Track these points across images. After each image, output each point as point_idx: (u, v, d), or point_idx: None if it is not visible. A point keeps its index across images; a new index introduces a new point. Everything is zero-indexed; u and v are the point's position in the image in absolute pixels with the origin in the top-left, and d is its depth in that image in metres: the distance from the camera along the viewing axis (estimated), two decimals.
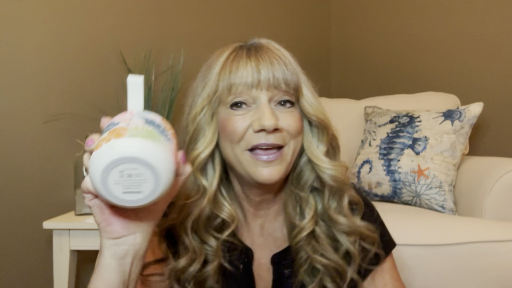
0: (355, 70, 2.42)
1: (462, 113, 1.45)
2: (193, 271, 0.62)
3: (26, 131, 1.50)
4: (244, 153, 0.62)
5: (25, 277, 1.50)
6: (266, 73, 0.61)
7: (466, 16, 1.90)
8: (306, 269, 0.66)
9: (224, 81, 0.62)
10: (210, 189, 0.63)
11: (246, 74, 0.61)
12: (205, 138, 0.63)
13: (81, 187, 0.50)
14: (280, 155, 0.62)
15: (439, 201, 1.38)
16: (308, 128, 0.66)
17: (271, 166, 0.61)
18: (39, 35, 1.52)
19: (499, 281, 1.08)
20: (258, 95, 0.61)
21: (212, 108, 0.63)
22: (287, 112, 0.63)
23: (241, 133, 0.61)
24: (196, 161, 0.62)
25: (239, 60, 0.62)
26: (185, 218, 0.63)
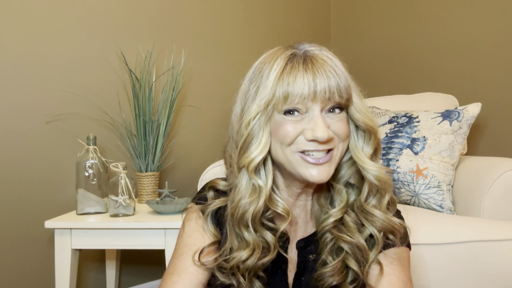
0: (354, 70, 2.42)
1: (460, 114, 1.46)
2: (252, 262, 0.68)
3: (28, 131, 1.50)
4: (294, 154, 0.66)
5: (27, 276, 1.51)
6: (322, 87, 0.64)
7: (464, 17, 1.91)
8: (330, 249, 0.71)
9: (280, 90, 0.64)
10: (266, 188, 0.68)
11: (303, 87, 0.63)
12: (259, 143, 0.67)
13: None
14: (330, 157, 0.67)
15: (437, 201, 1.38)
16: (354, 131, 0.71)
17: (322, 167, 0.66)
18: (39, 35, 1.52)
19: (497, 280, 1.08)
20: (312, 105, 0.65)
21: (266, 114, 0.66)
22: (337, 118, 0.67)
23: (293, 138, 0.66)
24: (251, 165, 0.66)
25: (296, 73, 0.64)
26: (243, 214, 0.67)
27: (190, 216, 0.77)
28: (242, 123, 0.68)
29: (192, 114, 1.93)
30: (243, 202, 0.67)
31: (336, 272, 0.69)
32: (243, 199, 0.68)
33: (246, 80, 0.71)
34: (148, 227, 1.29)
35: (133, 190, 1.38)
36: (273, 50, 0.71)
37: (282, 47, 0.71)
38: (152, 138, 1.63)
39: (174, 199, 1.49)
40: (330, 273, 0.69)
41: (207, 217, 0.74)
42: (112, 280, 1.68)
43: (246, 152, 0.67)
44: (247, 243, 0.68)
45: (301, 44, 0.70)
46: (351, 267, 0.70)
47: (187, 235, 0.74)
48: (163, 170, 1.81)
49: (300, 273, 0.75)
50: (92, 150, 1.42)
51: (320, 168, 0.66)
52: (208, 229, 0.74)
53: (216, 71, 2.02)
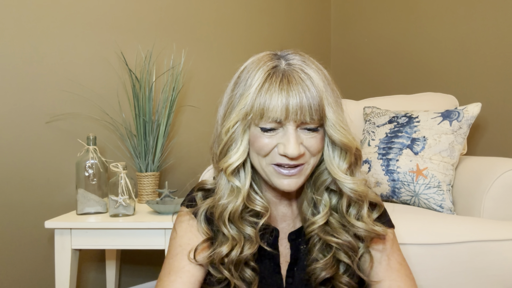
0: (354, 71, 2.43)
1: (460, 114, 1.46)
2: (234, 256, 0.71)
3: (28, 131, 1.51)
4: (268, 166, 0.71)
5: (27, 276, 1.51)
6: (294, 108, 0.66)
7: (464, 17, 1.91)
8: (319, 247, 0.74)
9: (258, 106, 0.68)
10: (243, 189, 0.72)
11: (276, 107, 0.67)
12: (237, 150, 0.71)
13: None
14: (300, 170, 0.71)
15: (437, 201, 1.38)
16: (330, 145, 0.73)
17: (291, 178, 0.71)
18: (39, 35, 1.52)
19: (497, 279, 1.08)
20: (286, 123, 0.68)
21: (245, 124, 0.70)
22: (311, 135, 0.70)
23: (267, 151, 0.70)
24: (229, 169, 0.71)
25: (272, 92, 0.67)
26: (222, 212, 0.72)
27: (181, 218, 0.80)
28: (223, 128, 0.72)
29: (192, 114, 1.93)
30: (222, 201, 0.72)
31: (327, 266, 0.73)
32: (222, 199, 0.73)
33: (231, 84, 0.75)
34: (148, 227, 1.29)
35: (133, 190, 1.38)
36: (258, 57, 0.74)
37: (268, 53, 0.74)
38: (152, 138, 1.63)
39: (174, 199, 1.49)
40: (321, 268, 0.73)
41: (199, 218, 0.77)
42: (112, 280, 1.68)
43: (225, 157, 0.72)
44: (226, 238, 0.73)
45: (286, 53, 0.73)
46: (342, 260, 0.74)
47: (180, 236, 0.77)
48: (163, 170, 1.81)
49: (293, 264, 0.79)
50: (92, 150, 1.42)
51: (290, 179, 0.70)
52: (202, 228, 0.76)
53: (216, 71, 2.02)
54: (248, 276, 0.74)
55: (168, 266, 0.74)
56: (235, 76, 0.75)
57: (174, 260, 0.74)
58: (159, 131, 1.65)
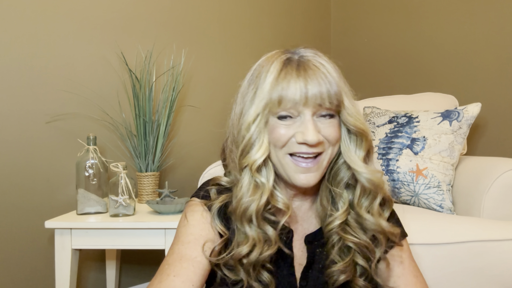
0: (354, 71, 2.43)
1: (460, 114, 1.46)
2: (254, 257, 0.69)
3: (28, 131, 1.51)
4: (285, 157, 0.70)
5: (27, 276, 1.51)
6: (313, 93, 0.67)
7: (464, 17, 1.91)
8: (338, 249, 0.74)
9: (275, 94, 0.67)
10: (268, 185, 0.70)
11: (295, 92, 0.66)
12: (260, 146, 0.70)
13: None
14: (317, 162, 0.70)
15: (437, 201, 1.39)
16: (346, 135, 0.73)
17: (309, 172, 0.70)
18: (39, 35, 1.52)
19: (497, 279, 1.08)
20: (303, 110, 0.68)
21: (265, 117, 0.69)
22: (328, 123, 0.70)
23: (284, 141, 0.69)
24: (254, 165, 0.70)
25: (290, 78, 0.67)
26: (245, 211, 0.70)
27: (194, 208, 0.77)
28: (242, 125, 0.71)
29: (192, 114, 1.93)
30: (245, 199, 0.70)
31: (347, 269, 0.72)
32: (245, 197, 0.70)
33: (245, 82, 0.74)
34: (148, 227, 1.29)
35: (133, 190, 1.38)
36: (271, 54, 0.74)
37: (279, 51, 0.74)
38: (152, 138, 1.63)
39: (174, 199, 1.49)
40: (340, 271, 0.72)
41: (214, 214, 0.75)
42: (112, 280, 1.68)
43: (249, 153, 0.70)
44: (247, 238, 0.70)
45: (297, 48, 0.73)
46: (359, 263, 0.73)
47: (192, 225, 0.74)
48: (163, 170, 1.81)
49: (308, 267, 0.78)
50: (92, 150, 1.42)
51: (308, 174, 0.70)
52: (216, 224, 0.74)
53: (216, 71, 2.02)
54: (265, 278, 0.72)
55: (179, 252, 0.71)
56: (248, 74, 0.75)
57: (185, 247, 0.71)
58: (159, 131, 1.65)
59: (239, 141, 0.71)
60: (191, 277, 0.68)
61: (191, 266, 0.69)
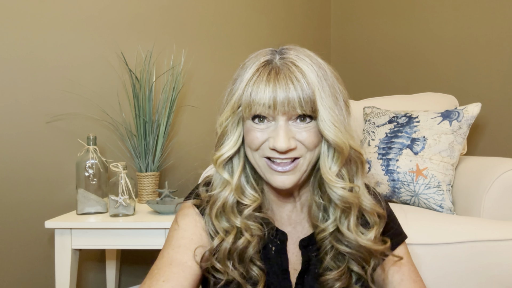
0: (354, 71, 2.43)
1: (460, 114, 1.46)
2: (225, 246, 0.70)
3: (29, 131, 1.51)
4: (261, 159, 0.69)
5: (27, 276, 1.51)
6: (281, 99, 0.64)
7: (464, 17, 1.91)
8: (333, 256, 0.72)
9: (246, 99, 0.67)
10: (232, 182, 0.71)
11: (264, 97, 0.65)
12: (229, 142, 0.71)
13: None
14: (295, 166, 0.68)
15: (437, 201, 1.39)
16: (326, 144, 0.69)
17: (285, 175, 0.68)
18: (40, 35, 1.52)
19: (497, 279, 1.08)
20: (276, 115, 0.66)
21: (237, 117, 0.70)
22: (305, 127, 0.67)
23: (258, 145, 0.68)
24: (218, 161, 0.71)
25: (259, 83, 0.66)
26: (212, 205, 0.72)
27: (185, 211, 0.77)
28: (219, 121, 0.72)
29: (192, 114, 1.93)
30: (215, 192, 0.72)
31: (341, 277, 0.71)
32: (215, 191, 0.72)
33: (231, 82, 0.75)
34: (148, 227, 1.29)
35: (133, 190, 1.38)
36: (255, 53, 0.73)
37: (265, 50, 0.72)
38: (152, 138, 1.63)
39: (174, 199, 1.49)
40: (335, 279, 0.71)
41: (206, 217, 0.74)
42: (112, 280, 1.68)
43: (219, 149, 0.72)
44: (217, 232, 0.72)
45: (283, 48, 0.71)
46: (354, 270, 0.72)
47: (183, 229, 0.74)
48: (163, 170, 1.81)
49: (304, 272, 0.76)
50: (92, 150, 1.42)
51: (284, 176, 0.68)
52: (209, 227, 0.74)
53: (216, 71, 2.02)
54: (255, 274, 0.71)
55: (169, 257, 0.70)
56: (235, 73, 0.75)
57: (176, 252, 0.71)
58: (159, 131, 1.65)
59: (216, 137, 0.73)
60: (181, 282, 0.67)
61: (181, 271, 0.68)
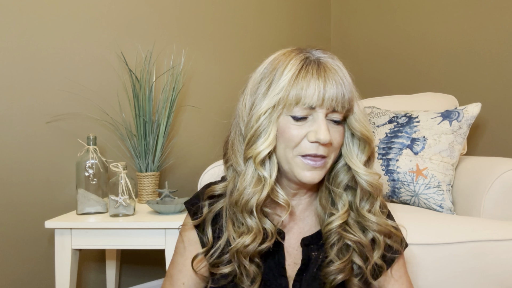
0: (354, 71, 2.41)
1: (460, 114, 1.46)
2: (253, 248, 0.72)
3: (28, 131, 1.51)
4: (296, 158, 0.71)
5: (27, 276, 1.51)
6: (330, 95, 0.68)
7: (464, 17, 1.91)
8: (337, 249, 0.75)
9: (294, 93, 0.68)
10: (270, 179, 0.72)
11: (314, 92, 0.68)
12: (266, 138, 0.70)
13: None
14: (324, 163, 0.72)
15: (437, 201, 1.39)
16: (350, 138, 0.76)
17: (315, 170, 0.72)
18: (39, 35, 1.52)
19: (497, 279, 1.08)
20: (318, 110, 0.69)
21: (277, 112, 0.70)
22: (336, 128, 0.72)
23: (297, 141, 0.70)
24: (258, 157, 0.70)
25: (310, 78, 0.68)
26: (247, 202, 0.72)
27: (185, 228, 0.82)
28: (252, 116, 0.71)
29: (192, 114, 1.93)
30: (248, 191, 0.71)
31: (344, 269, 0.74)
32: (247, 188, 0.71)
33: (258, 75, 0.74)
34: (148, 227, 1.29)
35: (133, 190, 1.38)
36: (286, 50, 0.74)
37: (295, 48, 0.75)
38: (152, 138, 1.63)
39: (174, 199, 1.49)
40: (337, 270, 0.74)
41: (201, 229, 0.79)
42: (112, 280, 1.68)
43: (254, 144, 0.71)
44: (249, 229, 0.72)
45: (313, 49, 0.74)
46: (356, 262, 0.75)
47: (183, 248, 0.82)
48: (163, 170, 1.81)
49: (303, 269, 0.78)
50: (92, 150, 1.42)
51: (314, 172, 0.71)
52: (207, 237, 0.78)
53: (216, 71, 2.02)
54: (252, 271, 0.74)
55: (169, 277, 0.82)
56: (261, 67, 0.75)
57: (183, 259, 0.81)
58: (159, 131, 1.65)
59: (247, 132, 0.72)
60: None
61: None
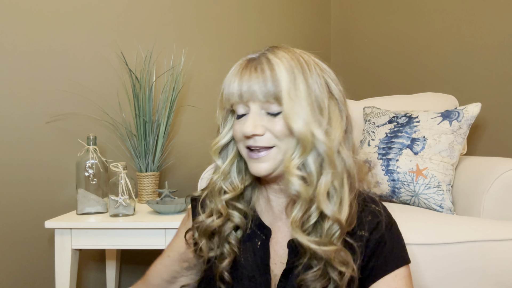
0: (354, 71, 2.43)
1: (460, 114, 1.46)
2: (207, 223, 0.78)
3: (29, 131, 1.51)
4: (244, 150, 0.75)
5: (27, 276, 1.51)
6: (245, 87, 0.71)
7: (464, 17, 1.91)
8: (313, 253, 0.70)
9: (225, 92, 0.75)
10: (221, 167, 0.79)
11: (234, 88, 0.73)
12: (220, 134, 0.79)
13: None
14: (268, 153, 0.72)
15: (437, 201, 1.39)
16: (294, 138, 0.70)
17: (259, 162, 0.73)
18: (39, 35, 1.52)
19: (497, 279, 1.08)
20: (250, 105, 0.72)
21: (225, 110, 0.77)
22: (272, 118, 0.71)
23: (240, 137, 0.74)
24: (214, 148, 0.79)
25: (231, 76, 0.74)
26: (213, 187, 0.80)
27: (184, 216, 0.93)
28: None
29: (192, 114, 1.93)
30: (213, 178, 0.80)
31: (318, 278, 0.69)
32: (214, 176, 0.80)
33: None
34: (148, 227, 1.29)
35: (133, 190, 1.39)
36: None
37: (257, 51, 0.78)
38: (152, 138, 1.63)
39: (174, 199, 1.49)
40: (312, 279, 0.69)
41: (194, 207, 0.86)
42: (112, 280, 1.68)
43: (216, 138, 0.80)
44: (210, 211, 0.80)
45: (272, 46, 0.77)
46: (331, 275, 0.68)
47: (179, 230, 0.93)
48: (163, 170, 1.81)
49: (289, 271, 0.75)
50: (92, 150, 1.42)
51: (258, 164, 0.72)
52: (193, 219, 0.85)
53: (216, 71, 2.02)
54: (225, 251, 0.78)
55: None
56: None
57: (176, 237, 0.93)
58: (159, 131, 1.66)
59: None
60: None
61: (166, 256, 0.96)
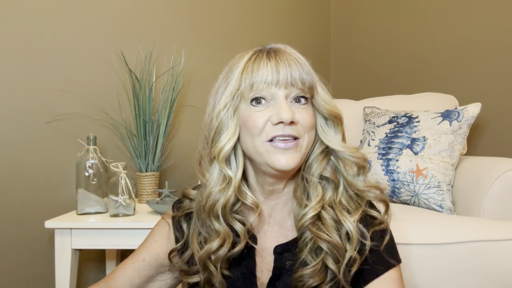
0: (354, 71, 2.43)
1: (460, 114, 1.46)
2: (223, 252, 0.70)
3: (29, 131, 1.51)
4: (264, 144, 0.68)
5: (27, 276, 1.51)
6: (284, 73, 0.67)
7: (464, 17, 1.91)
8: (310, 248, 0.70)
9: (246, 79, 0.68)
10: (235, 179, 0.70)
11: (267, 73, 0.67)
12: (228, 131, 0.69)
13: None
14: (296, 144, 0.68)
15: (437, 201, 1.39)
16: (323, 122, 0.74)
17: (288, 153, 0.67)
18: (39, 35, 1.52)
19: (497, 279, 1.09)
20: (276, 92, 0.68)
21: (234, 104, 0.70)
22: (302, 108, 0.70)
23: (261, 127, 0.68)
24: (221, 153, 0.69)
25: (260, 61, 0.69)
26: (213, 204, 0.70)
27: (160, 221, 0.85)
28: (213, 116, 0.71)
29: (192, 114, 1.93)
30: (214, 192, 0.70)
31: (316, 273, 0.69)
32: (214, 191, 0.70)
33: (219, 79, 0.76)
34: (148, 227, 1.29)
35: (133, 190, 1.38)
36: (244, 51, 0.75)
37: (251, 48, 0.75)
38: (152, 138, 1.63)
39: (174, 199, 1.49)
40: (310, 275, 0.69)
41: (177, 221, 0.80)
42: None
43: (217, 142, 0.70)
44: (217, 233, 0.71)
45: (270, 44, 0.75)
46: (329, 266, 0.69)
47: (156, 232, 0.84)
48: (163, 170, 1.81)
49: (275, 279, 0.74)
50: (92, 150, 1.42)
51: (287, 155, 0.67)
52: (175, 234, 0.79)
53: (216, 71, 2.00)
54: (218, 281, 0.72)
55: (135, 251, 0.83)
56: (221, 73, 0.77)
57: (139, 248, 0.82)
58: (159, 131, 1.65)
59: (210, 132, 0.71)
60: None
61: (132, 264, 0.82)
